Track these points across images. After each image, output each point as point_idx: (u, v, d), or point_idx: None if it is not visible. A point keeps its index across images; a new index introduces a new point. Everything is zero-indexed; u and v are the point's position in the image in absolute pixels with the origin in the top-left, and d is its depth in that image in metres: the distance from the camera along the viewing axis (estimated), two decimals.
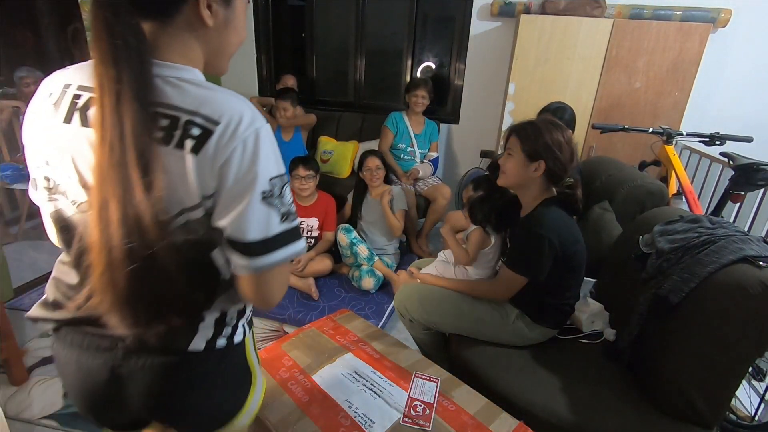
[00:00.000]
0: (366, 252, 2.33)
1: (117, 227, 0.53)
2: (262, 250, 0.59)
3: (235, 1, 0.63)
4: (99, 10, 0.54)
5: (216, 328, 0.68)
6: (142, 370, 0.65)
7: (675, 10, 2.62)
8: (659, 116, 2.61)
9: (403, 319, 1.53)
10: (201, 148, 0.55)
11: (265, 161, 0.57)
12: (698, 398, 1.09)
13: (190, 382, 0.68)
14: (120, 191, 0.52)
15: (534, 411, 1.16)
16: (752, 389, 1.70)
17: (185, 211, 0.57)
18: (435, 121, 3.07)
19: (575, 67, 2.64)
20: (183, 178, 0.55)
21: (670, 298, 1.15)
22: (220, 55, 0.66)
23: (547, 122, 1.32)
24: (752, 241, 1.15)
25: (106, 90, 0.53)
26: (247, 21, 0.82)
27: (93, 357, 0.66)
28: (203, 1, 0.58)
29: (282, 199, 0.59)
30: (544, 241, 1.25)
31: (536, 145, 1.28)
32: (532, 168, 1.30)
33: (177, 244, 0.57)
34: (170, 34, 0.59)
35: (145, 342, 0.62)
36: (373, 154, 2.52)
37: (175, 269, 0.57)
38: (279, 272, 0.63)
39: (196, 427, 0.75)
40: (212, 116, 0.56)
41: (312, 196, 2.47)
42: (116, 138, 0.52)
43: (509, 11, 2.93)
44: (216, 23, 0.61)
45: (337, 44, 3.68)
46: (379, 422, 1.03)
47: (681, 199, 1.97)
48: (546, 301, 1.37)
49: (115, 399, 0.68)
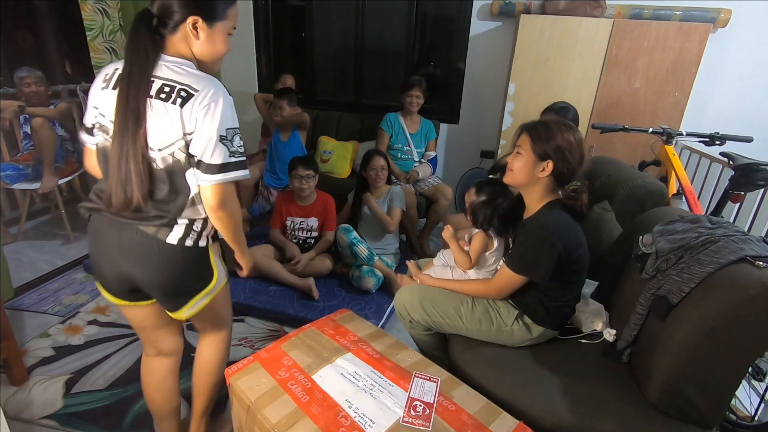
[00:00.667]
0: (366, 252, 2.33)
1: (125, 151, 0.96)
2: (218, 171, 0.98)
3: (216, 26, 1.02)
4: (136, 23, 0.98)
5: (185, 230, 1.05)
6: (138, 246, 1.04)
7: (675, 10, 2.62)
8: (659, 116, 2.61)
9: (403, 320, 1.53)
10: (185, 104, 0.96)
11: (224, 117, 0.98)
12: (698, 398, 1.09)
13: (165, 264, 1.06)
14: (124, 129, 0.95)
15: (534, 411, 1.16)
16: (752, 389, 1.70)
17: (175, 142, 0.98)
18: (432, 120, 3.07)
19: (575, 67, 2.64)
20: (174, 121, 0.96)
21: (670, 298, 1.15)
22: (207, 58, 1.06)
23: (560, 123, 1.31)
24: (752, 241, 1.15)
25: (126, 70, 0.97)
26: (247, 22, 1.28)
27: (110, 230, 1.05)
28: (190, 26, 0.99)
29: (232, 142, 1.00)
30: (546, 243, 1.24)
31: (547, 145, 1.27)
32: (540, 168, 1.28)
33: (168, 163, 0.99)
34: (175, 41, 1.02)
35: (142, 229, 1.02)
36: (378, 153, 2.51)
37: (166, 178, 1.00)
38: (228, 187, 1.02)
39: (167, 297, 1.13)
40: (194, 87, 0.97)
41: (311, 196, 2.47)
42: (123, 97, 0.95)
43: (509, 11, 2.93)
44: (201, 39, 1.02)
45: (337, 44, 3.68)
46: (379, 422, 1.03)
47: (681, 199, 1.97)
48: (547, 302, 1.36)
49: (117, 265, 1.07)
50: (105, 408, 1.58)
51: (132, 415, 1.56)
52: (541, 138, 1.27)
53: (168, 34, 1.00)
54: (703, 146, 2.09)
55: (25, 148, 2.95)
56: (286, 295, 2.26)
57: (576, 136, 1.28)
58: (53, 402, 1.60)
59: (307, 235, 2.49)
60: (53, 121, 2.85)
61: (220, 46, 1.05)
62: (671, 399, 1.12)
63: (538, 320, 1.38)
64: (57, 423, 1.52)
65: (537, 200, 1.35)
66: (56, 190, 2.85)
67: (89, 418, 1.54)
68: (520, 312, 1.40)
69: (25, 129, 2.93)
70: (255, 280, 2.36)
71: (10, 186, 2.76)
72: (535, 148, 1.28)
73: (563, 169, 1.27)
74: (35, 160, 2.87)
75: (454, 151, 3.49)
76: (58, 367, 1.77)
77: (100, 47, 2.51)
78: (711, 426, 1.12)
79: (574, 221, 1.33)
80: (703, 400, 1.09)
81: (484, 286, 1.44)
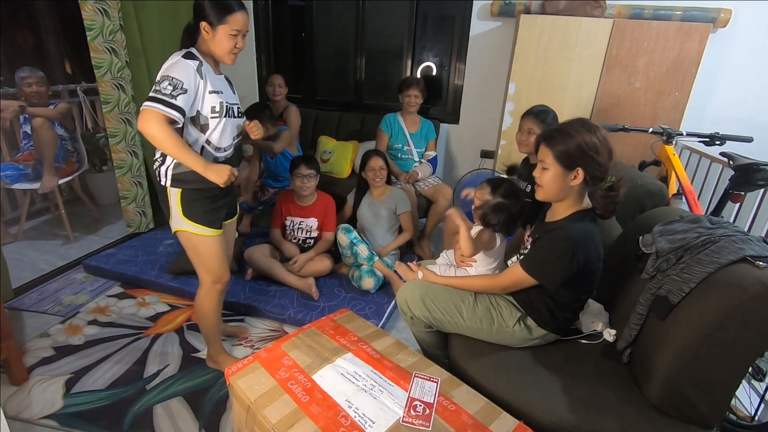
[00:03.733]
0: (366, 252, 2.33)
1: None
2: (146, 100, 1.31)
3: (218, 29, 1.39)
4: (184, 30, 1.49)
5: (156, 164, 1.48)
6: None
7: (675, 10, 2.62)
8: (659, 116, 2.61)
9: (405, 316, 1.53)
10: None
11: (164, 68, 1.35)
12: (698, 398, 1.09)
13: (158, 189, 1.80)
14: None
15: (534, 411, 1.16)
16: (752, 389, 1.70)
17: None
18: (432, 120, 3.07)
19: (575, 67, 2.64)
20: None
21: (670, 298, 1.15)
22: (217, 52, 1.44)
23: (576, 124, 1.23)
24: (752, 241, 1.15)
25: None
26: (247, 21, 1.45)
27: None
28: (202, 29, 1.41)
29: (159, 84, 1.32)
30: (568, 254, 1.22)
31: (572, 152, 1.19)
32: (570, 177, 1.22)
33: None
34: (200, 40, 1.45)
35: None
36: (377, 154, 2.51)
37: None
38: (147, 112, 1.30)
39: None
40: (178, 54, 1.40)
41: (311, 197, 2.47)
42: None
43: (509, 11, 2.93)
44: (209, 38, 1.41)
45: (337, 44, 3.68)
46: (379, 422, 1.03)
47: (681, 199, 1.97)
48: (553, 307, 1.36)
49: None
50: (105, 408, 1.58)
51: (132, 415, 1.56)
52: (564, 146, 1.21)
53: (197, 35, 1.44)
54: (703, 146, 2.09)
55: (25, 148, 2.96)
56: (286, 295, 2.26)
57: (598, 133, 1.21)
58: (53, 402, 1.60)
59: (306, 236, 2.49)
60: (53, 121, 2.85)
61: (224, 43, 1.41)
62: (671, 399, 1.12)
63: (542, 323, 1.38)
64: (57, 423, 1.51)
65: (567, 207, 1.31)
66: (56, 190, 2.85)
67: (89, 418, 1.54)
68: (524, 314, 1.40)
69: (25, 129, 2.93)
70: (255, 280, 2.36)
71: (10, 186, 2.76)
72: (560, 158, 1.22)
73: (595, 172, 1.22)
74: (35, 160, 2.87)
75: (454, 151, 3.49)
76: (58, 367, 1.77)
77: (100, 47, 2.51)
78: (711, 426, 1.12)
79: (597, 233, 1.29)
80: (703, 400, 1.09)
81: (491, 281, 1.42)
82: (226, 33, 1.39)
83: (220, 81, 1.50)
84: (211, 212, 1.53)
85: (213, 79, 1.45)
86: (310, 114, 3.44)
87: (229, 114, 1.50)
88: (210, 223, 1.53)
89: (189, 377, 1.74)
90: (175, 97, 1.32)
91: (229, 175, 1.42)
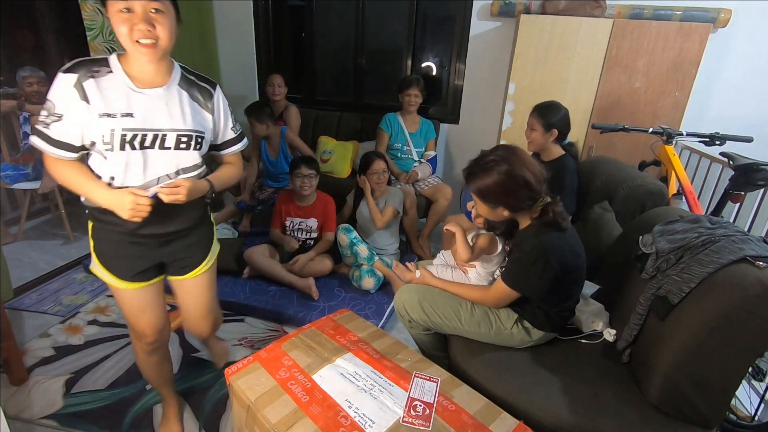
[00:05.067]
0: (366, 252, 2.33)
1: None
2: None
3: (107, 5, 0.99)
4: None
5: None
6: None
7: (675, 10, 2.62)
8: (659, 116, 2.61)
9: (403, 320, 1.53)
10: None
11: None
12: (698, 398, 1.09)
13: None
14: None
15: (534, 411, 1.16)
16: (752, 389, 1.70)
17: None
18: (432, 119, 3.07)
19: (575, 67, 2.64)
20: None
21: (670, 298, 1.15)
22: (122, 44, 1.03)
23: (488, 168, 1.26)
24: (752, 241, 1.15)
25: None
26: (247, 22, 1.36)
27: None
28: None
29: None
30: (541, 262, 1.24)
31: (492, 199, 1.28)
32: (499, 210, 1.30)
33: None
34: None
35: None
36: (378, 156, 2.51)
37: None
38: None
39: None
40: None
41: (311, 197, 2.47)
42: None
43: (509, 11, 2.92)
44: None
45: (337, 44, 3.68)
46: (379, 422, 1.03)
47: (681, 199, 1.97)
48: (547, 309, 1.36)
49: None
50: (105, 408, 1.58)
51: (132, 415, 1.56)
52: (482, 183, 1.27)
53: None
54: (703, 146, 2.09)
55: (25, 148, 2.96)
56: (286, 295, 2.26)
57: (515, 171, 1.23)
58: (53, 402, 1.60)
59: (306, 236, 2.49)
60: None
61: (117, 27, 0.99)
62: (671, 399, 1.12)
63: (538, 325, 1.38)
64: (57, 423, 1.52)
65: (524, 219, 1.35)
66: (56, 190, 2.84)
67: (89, 418, 1.54)
68: (520, 316, 1.40)
69: (25, 129, 2.93)
70: (255, 280, 2.36)
71: (10, 186, 2.76)
72: (480, 195, 1.30)
73: (522, 205, 1.28)
74: (35, 160, 2.87)
75: (454, 151, 3.49)
76: (58, 367, 1.77)
77: (100, 47, 2.51)
78: (711, 426, 1.11)
79: (571, 236, 1.32)
80: (703, 400, 1.09)
81: (483, 295, 1.43)
82: (115, 11, 0.98)
83: (140, 98, 1.05)
84: (121, 259, 1.17)
85: (114, 96, 1.03)
86: (310, 114, 3.44)
87: (143, 146, 1.05)
88: (119, 273, 1.18)
89: (189, 377, 1.74)
90: (48, 125, 1.01)
91: (133, 204, 1.01)
